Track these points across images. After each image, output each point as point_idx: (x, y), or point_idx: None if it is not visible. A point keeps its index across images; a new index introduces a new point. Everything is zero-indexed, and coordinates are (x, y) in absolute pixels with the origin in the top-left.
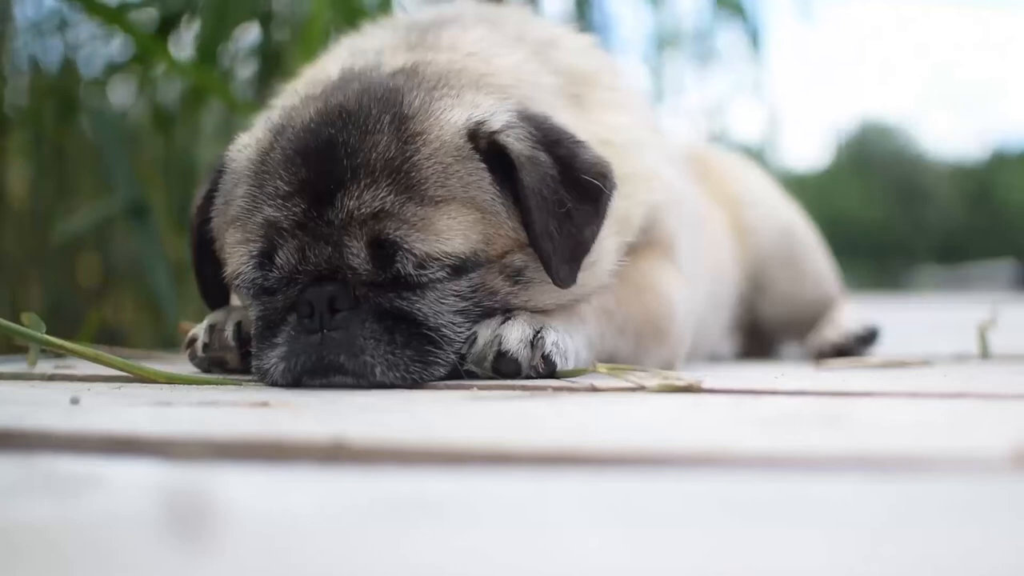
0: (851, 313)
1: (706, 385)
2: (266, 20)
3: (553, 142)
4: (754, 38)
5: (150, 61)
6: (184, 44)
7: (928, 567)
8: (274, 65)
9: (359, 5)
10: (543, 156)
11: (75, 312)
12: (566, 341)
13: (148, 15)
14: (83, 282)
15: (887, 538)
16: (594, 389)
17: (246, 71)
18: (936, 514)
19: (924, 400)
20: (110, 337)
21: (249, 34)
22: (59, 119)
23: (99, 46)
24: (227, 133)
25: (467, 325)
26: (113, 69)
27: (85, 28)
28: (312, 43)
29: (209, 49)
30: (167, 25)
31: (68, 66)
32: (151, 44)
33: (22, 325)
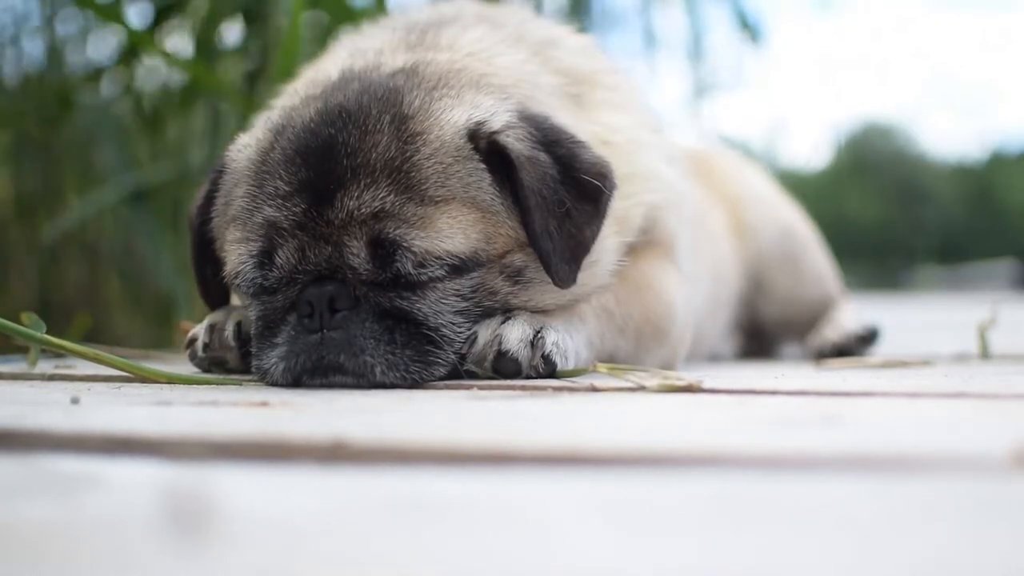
0: (851, 313)
1: (706, 385)
2: (251, 18)
3: (553, 142)
4: (747, 23)
5: (140, 56)
6: (173, 42)
7: (928, 567)
8: (260, 68)
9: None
10: (543, 156)
11: (65, 311)
12: (566, 341)
13: (140, 10)
14: (73, 281)
15: (887, 538)
16: (594, 389)
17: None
18: (936, 514)
19: (924, 400)
20: (100, 336)
21: (232, 33)
22: (45, 118)
23: (81, 44)
24: (217, 134)
25: (467, 325)
26: (99, 70)
27: (68, 25)
28: (293, 42)
29: (205, 43)
30: (160, 18)
31: (55, 64)
32: (143, 38)
33: (22, 325)
